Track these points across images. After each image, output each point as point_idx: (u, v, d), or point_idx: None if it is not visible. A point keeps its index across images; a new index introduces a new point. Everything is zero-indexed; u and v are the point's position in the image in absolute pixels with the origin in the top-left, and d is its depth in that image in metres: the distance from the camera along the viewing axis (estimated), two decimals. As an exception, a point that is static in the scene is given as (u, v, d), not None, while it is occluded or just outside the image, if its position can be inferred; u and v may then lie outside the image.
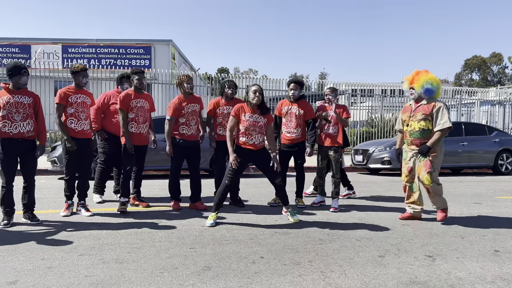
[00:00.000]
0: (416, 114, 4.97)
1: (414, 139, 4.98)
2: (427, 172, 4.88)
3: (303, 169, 6.05)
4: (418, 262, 3.50)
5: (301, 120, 5.85)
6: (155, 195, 6.75)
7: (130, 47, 21.12)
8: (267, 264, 3.39)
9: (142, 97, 5.55)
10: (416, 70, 5.08)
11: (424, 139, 4.91)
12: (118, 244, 3.88)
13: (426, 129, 4.91)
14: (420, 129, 4.92)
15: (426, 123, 4.89)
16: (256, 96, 4.81)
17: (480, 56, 68.42)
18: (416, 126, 4.94)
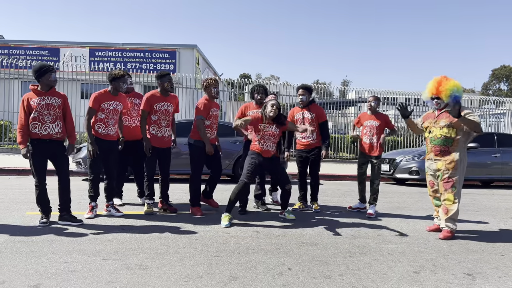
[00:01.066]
0: (439, 121, 4.76)
1: (434, 146, 4.77)
2: (448, 192, 4.67)
3: (318, 175, 6.14)
4: (457, 280, 3.28)
5: (314, 124, 5.96)
6: (178, 199, 6.67)
7: (155, 51, 21.38)
8: (295, 276, 3.23)
9: (167, 100, 5.50)
10: (436, 78, 4.83)
11: (445, 147, 4.69)
12: (142, 249, 3.79)
13: (449, 136, 4.68)
14: (442, 136, 4.71)
15: (449, 130, 4.68)
16: (273, 110, 5.02)
17: (509, 66, 66.66)
18: (438, 133, 4.73)
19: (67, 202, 4.73)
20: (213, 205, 5.88)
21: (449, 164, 4.68)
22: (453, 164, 4.67)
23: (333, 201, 7.15)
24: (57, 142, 4.63)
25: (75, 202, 6.14)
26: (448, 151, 4.70)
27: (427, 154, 4.96)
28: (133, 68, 20.29)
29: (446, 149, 4.70)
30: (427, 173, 5.00)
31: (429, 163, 4.91)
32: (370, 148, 6.02)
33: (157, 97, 5.43)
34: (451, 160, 4.67)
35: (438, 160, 4.76)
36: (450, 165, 4.67)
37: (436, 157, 4.78)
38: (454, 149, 4.69)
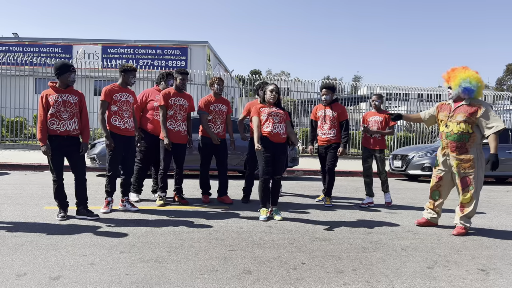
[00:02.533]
0: (456, 115, 4.57)
1: (450, 142, 4.63)
2: (465, 191, 4.59)
3: (334, 170, 6.25)
4: (471, 276, 3.28)
5: (335, 121, 6.16)
6: (191, 194, 6.74)
7: (167, 48, 21.50)
8: (309, 270, 3.27)
9: (181, 96, 5.70)
10: (453, 67, 4.71)
11: (461, 143, 4.55)
12: (158, 243, 3.86)
13: (466, 132, 4.52)
14: (459, 132, 4.54)
15: (466, 126, 4.51)
16: (272, 95, 5.20)
17: (525, 61, 65.35)
18: (455, 128, 4.56)
19: (84, 197, 4.83)
20: (227, 201, 6.05)
21: (465, 163, 4.56)
22: (469, 163, 4.55)
23: (345, 197, 7.16)
24: (75, 138, 4.72)
25: (91, 197, 6.24)
26: (464, 147, 4.56)
27: (442, 148, 4.79)
28: (145, 65, 20.45)
29: (462, 145, 4.56)
30: (437, 167, 4.86)
31: (444, 158, 4.75)
32: (374, 143, 6.24)
33: (173, 93, 5.65)
34: (467, 159, 4.56)
35: (454, 158, 4.63)
36: (466, 164, 4.56)
37: (452, 153, 4.64)
38: (470, 145, 4.55)
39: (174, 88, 5.70)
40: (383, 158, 6.26)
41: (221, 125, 6.01)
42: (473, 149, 4.57)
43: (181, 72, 5.70)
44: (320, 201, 6.54)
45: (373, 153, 6.26)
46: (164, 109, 5.55)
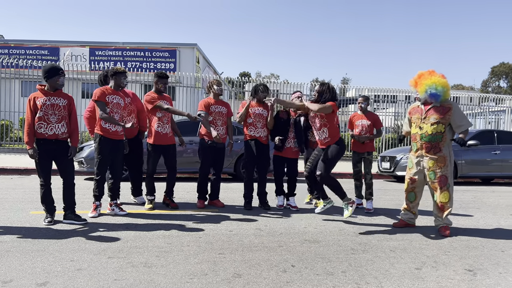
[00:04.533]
0: (429, 117, 4.71)
1: (425, 143, 4.74)
2: (443, 190, 4.68)
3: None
4: (458, 276, 3.32)
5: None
6: (181, 198, 6.71)
7: (155, 50, 21.40)
8: (299, 273, 3.27)
9: (163, 99, 5.75)
10: (419, 72, 4.81)
11: (435, 143, 4.69)
12: (146, 248, 3.83)
13: (439, 132, 4.67)
14: (433, 133, 4.68)
15: (439, 126, 4.66)
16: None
17: (508, 63, 66.65)
18: (429, 130, 4.69)
19: (71, 202, 4.77)
20: (219, 205, 6.05)
21: (441, 163, 4.68)
22: (443, 162, 4.68)
23: (334, 199, 7.18)
24: (63, 142, 4.67)
25: (79, 201, 6.14)
26: (438, 146, 4.69)
27: (415, 150, 4.87)
28: (134, 67, 20.32)
29: (436, 145, 4.70)
30: (410, 169, 4.94)
31: (418, 159, 4.83)
32: (363, 146, 6.26)
33: (157, 97, 5.67)
34: (442, 158, 4.68)
35: (429, 158, 4.72)
36: (441, 163, 4.68)
37: (427, 154, 4.74)
38: (443, 144, 4.70)
39: (155, 92, 5.73)
40: (371, 160, 6.32)
41: (221, 126, 5.93)
42: (445, 148, 4.73)
43: (161, 76, 5.74)
44: (308, 203, 6.59)
45: (362, 156, 6.31)
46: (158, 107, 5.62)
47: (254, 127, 5.83)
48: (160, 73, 5.75)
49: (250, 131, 5.85)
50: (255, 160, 5.84)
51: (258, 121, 5.83)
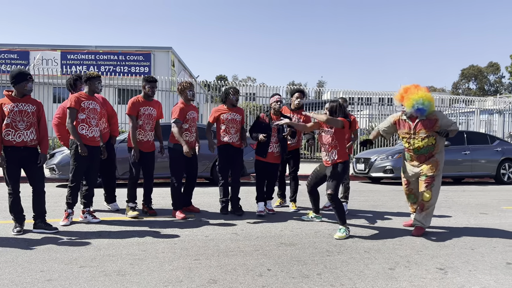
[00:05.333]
0: (419, 132, 4.82)
1: (419, 156, 4.87)
2: (427, 189, 4.80)
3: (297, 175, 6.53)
4: (430, 275, 3.40)
5: None
6: (156, 203, 6.61)
7: (129, 54, 21.10)
8: (274, 277, 3.28)
9: (150, 105, 5.62)
10: (404, 86, 4.91)
11: (429, 154, 4.84)
12: (120, 255, 3.76)
13: (431, 145, 4.81)
14: (425, 146, 4.81)
15: (430, 139, 4.79)
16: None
17: (477, 66, 68.89)
18: (421, 144, 4.81)
19: (41, 210, 4.63)
20: (194, 210, 5.93)
21: (432, 166, 4.82)
22: (436, 166, 4.82)
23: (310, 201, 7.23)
24: (32, 149, 4.53)
25: (50, 209, 5.99)
26: (431, 154, 4.84)
27: (409, 160, 5.00)
28: (107, 71, 19.98)
29: (429, 155, 4.84)
30: (405, 172, 5.08)
31: (412, 167, 4.97)
32: None
33: (141, 102, 5.55)
34: (434, 162, 4.82)
35: (422, 165, 4.88)
36: (433, 167, 4.82)
37: (420, 164, 4.89)
38: (436, 152, 4.85)
39: (143, 96, 5.58)
40: (348, 163, 6.36)
41: (195, 133, 5.68)
42: (438, 153, 4.87)
43: (148, 80, 5.57)
44: (278, 206, 6.58)
45: None
46: (134, 118, 5.45)
47: (227, 133, 5.70)
48: (148, 77, 5.61)
49: (223, 137, 5.72)
50: (229, 165, 5.76)
51: (231, 127, 5.70)
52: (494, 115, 20.30)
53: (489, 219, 5.89)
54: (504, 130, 19.51)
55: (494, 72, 68.31)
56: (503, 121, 19.75)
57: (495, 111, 20.26)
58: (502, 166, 11.22)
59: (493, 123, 20.24)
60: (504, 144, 11.72)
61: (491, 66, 68.22)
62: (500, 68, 66.22)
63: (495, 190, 9.62)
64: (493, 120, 20.31)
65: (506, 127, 19.63)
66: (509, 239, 4.67)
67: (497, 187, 10.49)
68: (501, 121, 19.82)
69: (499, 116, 20.01)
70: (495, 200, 7.92)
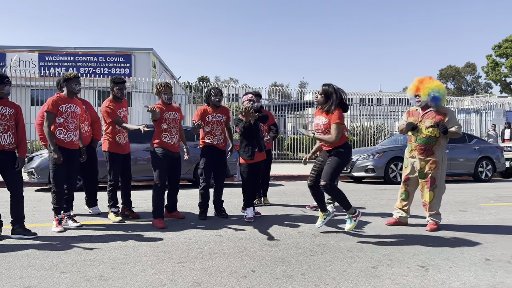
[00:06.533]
0: (425, 121, 4.97)
1: (418, 145, 5.00)
2: (429, 190, 4.97)
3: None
4: (412, 272, 3.45)
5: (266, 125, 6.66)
6: (138, 207, 6.54)
7: (109, 55, 20.81)
8: (258, 278, 3.28)
9: (122, 106, 5.56)
10: (419, 78, 5.07)
11: (429, 146, 4.95)
12: (102, 260, 3.69)
13: (433, 136, 4.93)
14: (427, 136, 4.94)
15: (433, 130, 4.92)
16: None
17: (455, 66, 70.43)
18: (424, 133, 4.95)
19: (20, 215, 4.52)
20: (179, 217, 5.65)
21: (431, 164, 4.94)
22: (435, 164, 4.94)
23: (293, 201, 7.28)
24: (10, 153, 4.42)
25: (29, 214, 5.86)
26: (431, 149, 4.95)
27: (409, 151, 5.14)
28: (87, 73, 19.66)
29: (429, 147, 4.94)
30: (405, 168, 5.21)
31: (412, 160, 5.11)
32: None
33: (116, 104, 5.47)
34: (433, 161, 4.94)
35: (421, 160, 4.99)
36: (433, 165, 4.94)
37: (420, 156, 5.00)
38: (437, 148, 4.95)
39: (113, 98, 5.49)
40: None
41: (176, 135, 5.36)
42: (439, 151, 4.97)
43: (116, 81, 5.48)
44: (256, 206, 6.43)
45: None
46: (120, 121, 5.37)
47: (212, 135, 5.59)
48: (115, 79, 5.52)
49: (208, 139, 5.60)
50: (213, 167, 5.66)
51: (216, 128, 5.60)
52: (472, 115, 20.78)
53: (468, 216, 6.02)
54: (481, 129, 19.98)
55: (471, 72, 69.96)
56: (480, 120, 20.22)
57: (473, 110, 20.75)
58: (480, 164, 11.50)
59: (470, 122, 20.71)
60: (482, 143, 12.02)
61: (468, 67, 69.85)
62: (477, 68, 67.87)
63: (474, 188, 9.85)
64: (470, 119, 20.77)
65: (483, 126, 20.10)
66: (487, 235, 4.78)
67: (475, 184, 10.73)
68: (478, 120, 20.30)
69: (476, 115, 20.49)
70: (473, 197, 8.11)
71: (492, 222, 5.58)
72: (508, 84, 48.35)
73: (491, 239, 4.62)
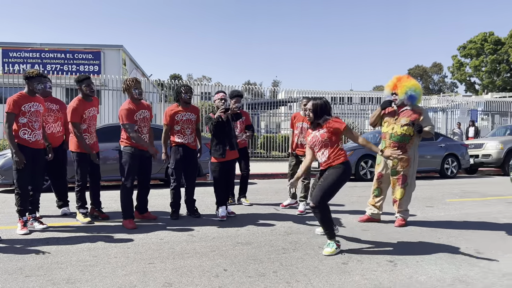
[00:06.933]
0: (401, 119, 5.08)
1: (393, 142, 5.10)
2: (401, 187, 5.10)
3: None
4: (381, 267, 3.53)
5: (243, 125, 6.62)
6: (108, 207, 6.39)
7: (78, 52, 20.26)
8: (231, 277, 3.27)
9: (92, 105, 5.38)
10: (397, 76, 5.17)
11: (403, 143, 5.06)
12: (69, 263, 3.59)
13: (408, 134, 5.04)
14: (402, 134, 5.04)
15: (408, 128, 5.02)
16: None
17: (422, 66, 72.53)
18: (399, 130, 5.04)
19: None
20: (151, 218, 5.50)
21: (404, 162, 5.07)
22: (407, 162, 5.07)
23: (266, 200, 7.31)
24: None
25: (-9, 216, 5.66)
26: (404, 147, 5.06)
27: (384, 148, 5.14)
28: (53, 70, 19.07)
29: (403, 145, 5.05)
30: (378, 165, 5.31)
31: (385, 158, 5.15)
32: (301, 149, 6.23)
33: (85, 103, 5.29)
34: (406, 159, 5.06)
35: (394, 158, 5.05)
36: (405, 163, 5.07)
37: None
38: (410, 146, 5.08)
39: (82, 97, 5.27)
40: None
41: (147, 133, 5.21)
42: (411, 150, 5.11)
43: (84, 78, 5.24)
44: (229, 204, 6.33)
45: (301, 158, 6.20)
46: (78, 124, 5.18)
47: (182, 134, 5.49)
48: (77, 77, 5.29)
49: (179, 138, 5.50)
50: (184, 167, 5.56)
51: (186, 127, 5.49)
52: (438, 113, 21.45)
53: (434, 212, 6.22)
54: (447, 127, 20.64)
55: (438, 72, 72.25)
56: (446, 119, 20.89)
57: (439, 109, 21.41)
58: (446, 161, 11.87)
59: (437, 120, 21.35)
60: (448, 140, 12.41)
61: (435, 66, 72.11)
62: (443, 68, 70.16)
63: (440, 184, 10.17)
64: (437, 117, 21.43)
65: (449, 124, 20.77)
66: (452, 230, 4.95)
67: (441, 181, 11.08)
68: (444, 118, 20.96)
69: (443, 114, 21.16)
70: (440, 193, 8.37)
71: (457, 217, 5.78)
72: (472, 84, 50.21)
73: (455, 233, 4.79)
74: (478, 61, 46.39)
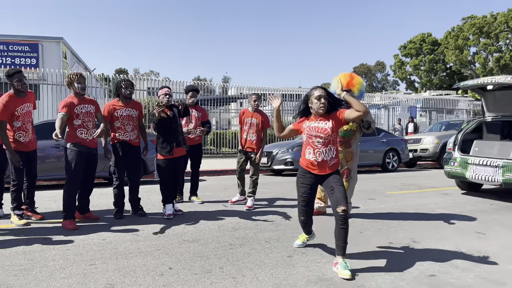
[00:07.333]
0: None
1: (339, 138, 5.21)
2: (345, 180, 5.26)
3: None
4: (324, 259, 3.64)
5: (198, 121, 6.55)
6: (48, 207, 6.07)
7: (13, 43, 18.96)
8: (176, 275, 3.23)
9: (26, 101, 5.03)
10: (346, 73, 5.24)
11: (347, 138, 5.24)
12: (2, 267, 3.38)
13: (352, 130, 5.23)
14: (347, 129, 5.21)
15: (353, 125, 5.20)
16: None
17: (367, 64, 75.52)
18: (344, 127, 5.17)
19: None
20: (93, 218, 5.28)
21: (348, 157, 5.26)
22: (351, 155, 5.26)
23: (215, 197, 7.28)
24: None
25: None
26: (348, 142, 5.25)
27: None
28: (-14, 62, 17.75)
29: (348, 140, 5.24)
30: None
31: None
32: (249, 145, 6.19)
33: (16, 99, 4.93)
34: (350, 153, 5.26)
35: (340, 152, 5.18)
36: (349, 156, 5.26)
37: (339, 148, 5.21)
38: (353, 141, 5.27)
39: (14, 93, 4.91)
40: (258, 160, 6.24)
41: (93, 129, 4.98)
42: (354, 144, 5.32)
43: (14, 72, 4.89)
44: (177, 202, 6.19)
45: (250, 155, 6.19)
46: (5, 123, 4.81)
47: (123, 131, 5.30)
48: (7, 72, 4.93)
49: (119, 135, 5.30)
50: (127, 164, 5.38)
51: (127, 124, 5.30)
52: (381, 110, 22.43)
53: (376, 204, 6.51)
54: (389, 123, 21.65)
55: (381, 70, 75.53)
56: (388, 115, 21.89)
57: (382, 106, 22.40)
58: (387, 156, 12.45)
59: (380, 116, 22.33)
60: (389, 136, 13.02)
61: (378, 65, 75.32)
62: (386, 66, 73.48)
63: (382, 177, 10.65)
64: (380, 114, 22.41)
65: (390, 120, 21.79)
66: (391, 221, 5.21)
67: (383, 174, 11.61)
68: (387, 115, 21.96)
69: (385, 110, 22.16)
70: (381, 186, 8.77)
71: (396, 209, 6.09)
72: (412, 82, 52.99)
73: (394, 224, 5.04)
74: (418, 60, 49.01)
